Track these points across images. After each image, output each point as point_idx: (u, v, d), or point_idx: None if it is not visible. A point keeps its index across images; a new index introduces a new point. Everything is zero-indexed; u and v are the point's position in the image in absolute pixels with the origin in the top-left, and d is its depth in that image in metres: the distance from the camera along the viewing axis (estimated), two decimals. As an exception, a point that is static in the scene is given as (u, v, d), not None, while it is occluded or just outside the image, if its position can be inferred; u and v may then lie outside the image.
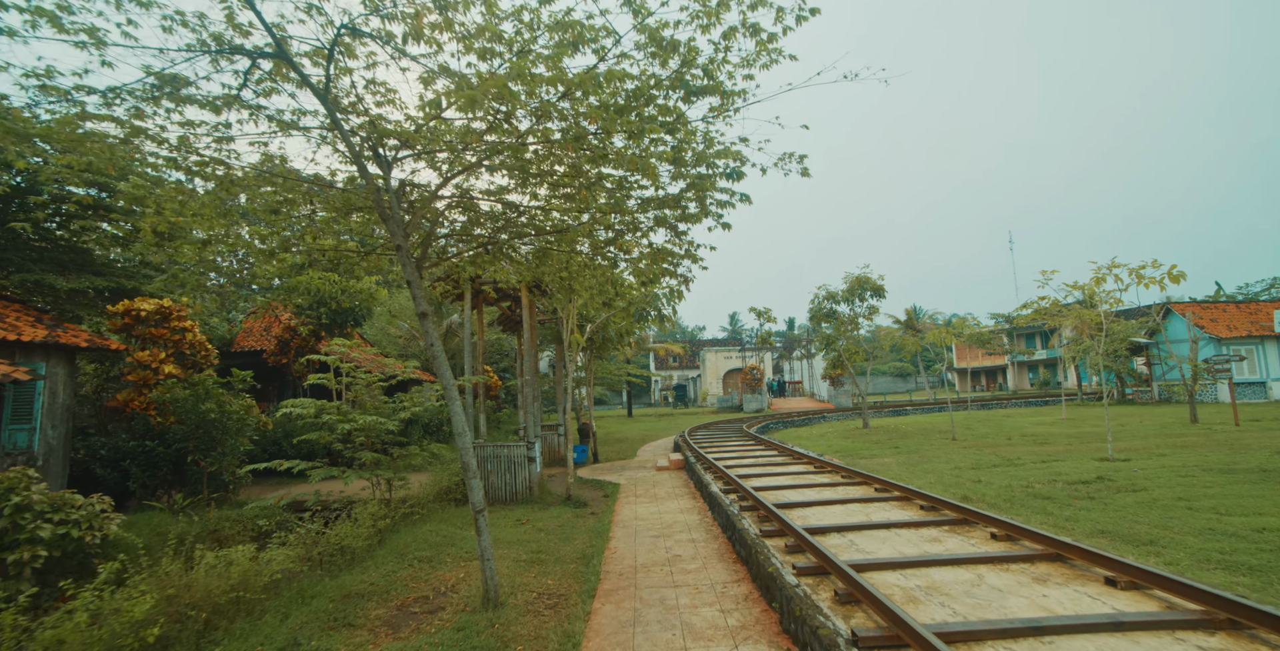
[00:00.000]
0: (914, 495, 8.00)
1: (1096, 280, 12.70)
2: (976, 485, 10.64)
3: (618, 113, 4.60)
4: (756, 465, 12.49)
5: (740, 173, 5.19)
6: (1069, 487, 9.94)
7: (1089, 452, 14.33)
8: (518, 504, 11.55)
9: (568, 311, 11.74)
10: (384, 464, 9.66)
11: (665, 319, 10.50)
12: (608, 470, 15.78)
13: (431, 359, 5.39)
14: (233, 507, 11.21)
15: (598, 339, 14.77)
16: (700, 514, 9.43)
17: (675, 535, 8.11)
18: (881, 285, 25.26)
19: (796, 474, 11.04)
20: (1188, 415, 22.73)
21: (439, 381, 5.40)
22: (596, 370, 24.96)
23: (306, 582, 6.03)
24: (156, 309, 11.70)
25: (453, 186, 5.71)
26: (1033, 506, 8.72)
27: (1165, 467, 11.17)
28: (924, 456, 15.34)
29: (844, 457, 15.71)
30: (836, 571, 4.77)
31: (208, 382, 11.36)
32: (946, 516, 6.78)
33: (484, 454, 11.85)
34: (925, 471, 12.64)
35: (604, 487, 12.97)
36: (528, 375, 12.57)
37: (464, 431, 5.47)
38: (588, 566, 7.01)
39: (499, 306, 15.90)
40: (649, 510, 9.99)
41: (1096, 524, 7.28)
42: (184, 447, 11.13)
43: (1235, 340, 29.43)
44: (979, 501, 9.32)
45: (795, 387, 58.67)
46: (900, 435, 21.64)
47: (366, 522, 7.68)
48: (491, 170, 5.35)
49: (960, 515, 6.69)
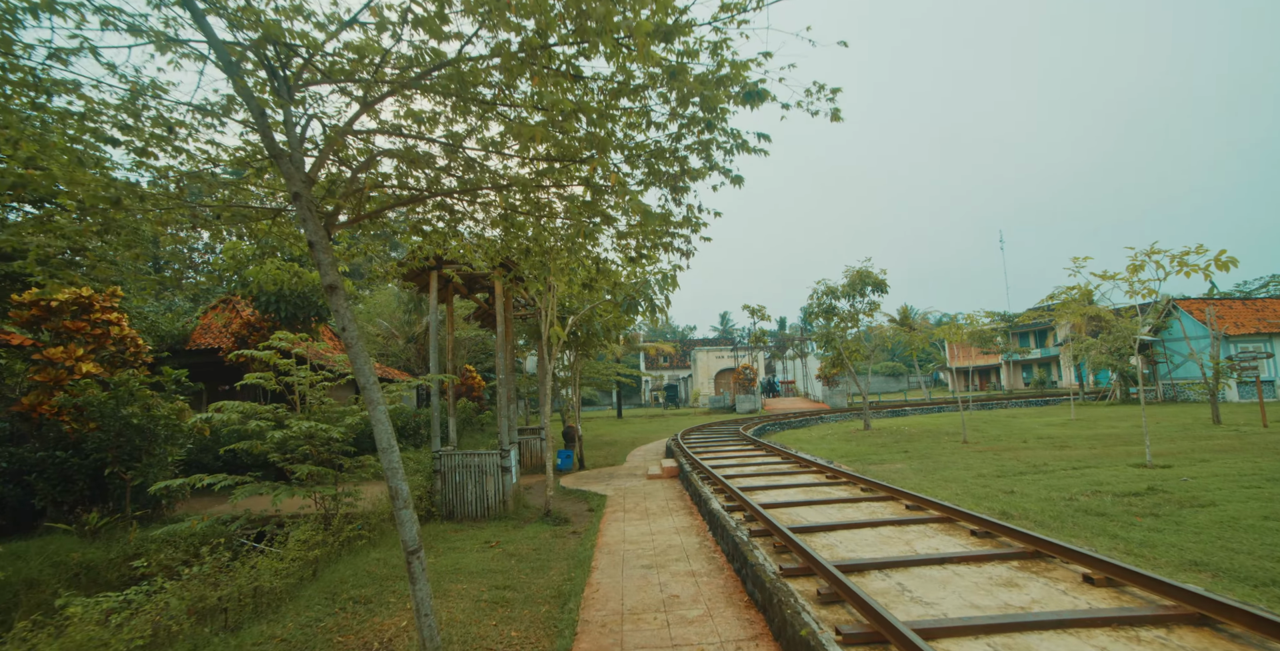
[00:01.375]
0: (956, 515, 6.69)
1: (1133, 267, 11.48)
2: (1011, 497, 9.37)
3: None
4: (759, 474, 11.15)
5: (762, 93, 3.82)
6: (1120, 501, 8.68)
7: (1120, 457, 13.14)
8: (489, 520, 10.14)
9: (546, 301, 10.35)
10: (328, 477, 8.22)
11: (659, 309, 9.13)
12: (594, 479, 14.39)
13: (347, 347, 3.99)
14: (164, 526, 9.70)
15: (582, 334, 13.37)
16: (699, 535, 8.08)
17: (670, 565, 6.73)
18: (883, 280, 24.08)
19: (807, 486, 9.70)
20: (1204, 415, 21.71)
21: (357, 378, 4.01)
22: (585, 370, 23.55)
23: (189, 646, 4.59)
24: (73, 299, 10.16)
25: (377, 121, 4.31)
26: (1087, 525, 7.44)
27: (1218, 476, 9.95)
28: (938, 462, 14.09)
29: (852, 463, 14.43)
30: (899, 640, 3.43)
31: (131, 383, 9.85)
32: (1011, 547, 5.46)
33: (450, 464, 10.43)
34: (946, 480, 11.37)
35: (589, 500, 11.58)
36: (503, 373, 11.15)
37: (390, 447, 4.08)
38: (563, 610, 5.63)
39: (474, 299, 14.46)
40: (639, 530, 8.62)
41: (1182, 552, 5.99)
42: (103, 458, 9.62)
43: (1243, 337, 28.52)
44: (1021, 518, 8.04)
45: (788, 387, 57.51)
46: (906, 437, 20.41)
47: (293, 553, 6.24)
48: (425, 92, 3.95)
49: (1027, 545, 5.37)
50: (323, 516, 8.02)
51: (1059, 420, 23.83)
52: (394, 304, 35.66)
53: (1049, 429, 20.61)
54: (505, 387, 11.21)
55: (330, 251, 3.87)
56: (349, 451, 8.60)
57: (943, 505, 7.00)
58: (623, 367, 29.30)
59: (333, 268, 3.85)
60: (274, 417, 8.01)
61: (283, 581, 5.92)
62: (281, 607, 5.81)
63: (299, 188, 3.76)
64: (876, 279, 23.94)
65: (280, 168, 3.78)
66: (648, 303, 9.30)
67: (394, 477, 4.14)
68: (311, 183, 3.89)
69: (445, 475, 10.42)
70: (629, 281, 9.32)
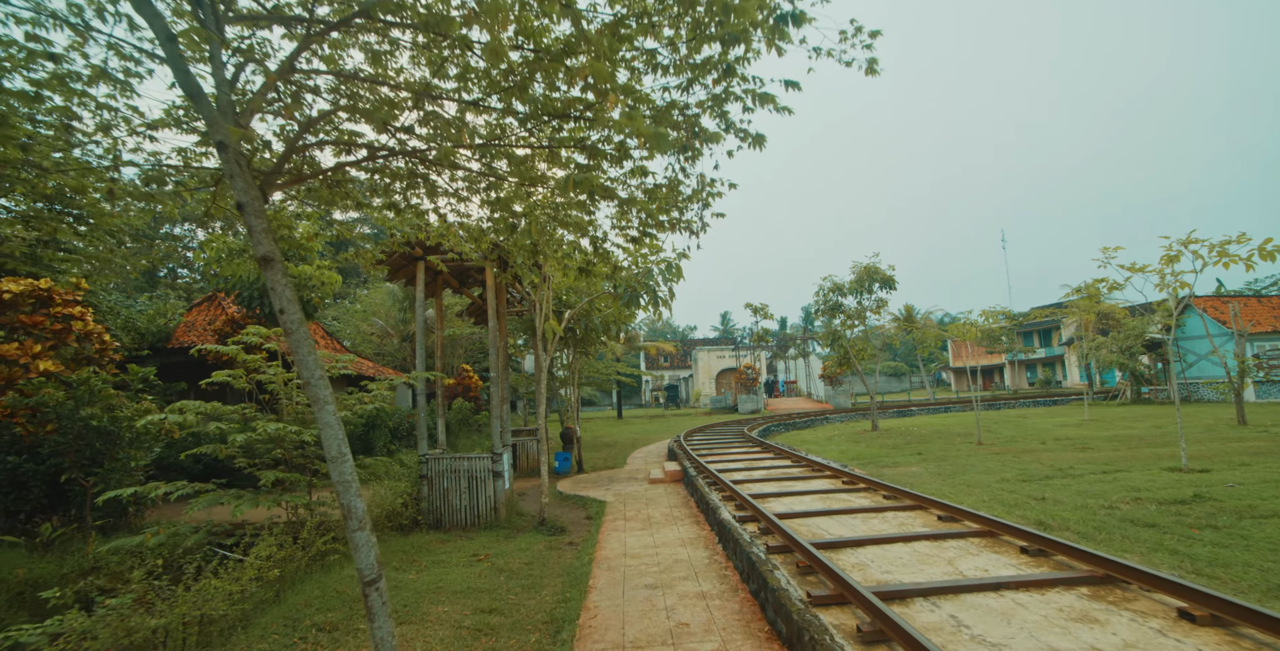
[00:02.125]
0: (998, 527, 5.95)
1: (1167, 258, 10.75)
2: (1043, 505, 8.64)
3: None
4: (770, 479, 10.41)
5: (799, 16, 3.07)
6: (1166, 509, 7.95)
7: (1149, 460, 12.41)
8: (479, 529, 9.40)
9: (541, 293, 9.61)
10: (299, 484, 7.49)
11: (662, 301, 8.41)
12: (593, 483, 13.65)
13: (287, 333, 3.26)
14: (129, 536, 8.96)
15: (579, 329, 12.63)
16: (707, 547, 7.34)
17: (677, 585, 5.99)
18: (892, 276, 23.37)
19: (823, 492, 8.97)
20: (1225, 415, 20.95)
21: (299, 371, 3.27)
22: (585, 369, 22.81)
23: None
24: (30, 291, 9.42)
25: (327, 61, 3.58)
26: (1138, 538, 6.70)
27: (1269, 482, 9.21)
28: (956, 464, 13.35)
29: (865, 466, 13.70)
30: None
31: (93, 382, 9.11)
32: (1075, 570, 4.72)
33: (438, 468, 9.69)
34: (968, 485, 10.64)
35: (587, 506, 10.84)
36: (495, 371, 10.42)
37: (341, 456, 3.35)
38: (555, 641, 4.89)
39: (468, 294, 13.73)
40: (642, 541, 7.88)
41: (1265, 574, 5.24)
42: (60, 463, 8.88)
43: (1260, 335, 27.76)
44: (1061, 529, 7.32)
45: (791, 387, 56.76)
46: (917, 438, 19.67)
47: (249, 573, 5.50)
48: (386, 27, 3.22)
49: (1093, 568, 4.63)
50: (292, 527, 7.28)
51: (1073, 420, 23.10)
52: (389, 302, 34.99)
53: (1064, 429, 19.88)
54: (498, 387, 10.47)
55: (264, 216, 3.14)
56: (322, 455, 7.86)
57: (981, 516, 6.26)
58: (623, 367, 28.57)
59: (267, 236, 3.12)
60: (240, 419, 7.27)
61: (236, 607, 5.18)
62: (233, 637, 5.08)
63: (223, 135, 3.03)
64: (885, 275, 23.22)
65: (199, 110, 3.04)
66: (650, 294, 8.57)
67: (345, 493, 3.40)
68: (243, 129, 3.15)
69: (432, 480, 9.68)
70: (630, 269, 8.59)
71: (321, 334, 26.18)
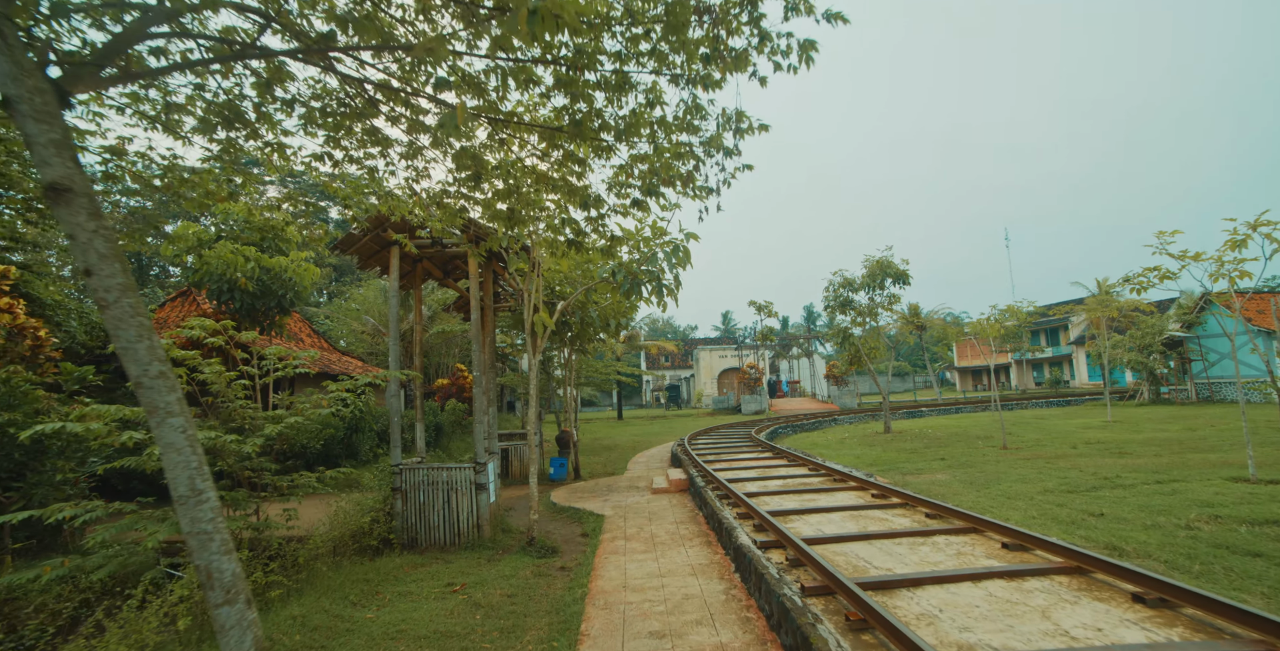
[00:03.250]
0: (1089, 562, 4.80)
1: (1232, 243, 9.60)
2: (1104, 522, 7.50)
3: None
4: (788, 491, 9.25)
5: None
6: (1260, 532, 6.78)
7: (1202, 467, 11.26)
8: (459, 549, 8.24)
9: (530, 281, 8.47)
10: (240, 501, 6.33)
11: (667, 290, 7.26)
12: (590, 492, 12.50)
13: (101, 308, 2.12)
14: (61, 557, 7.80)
15: (574, 323, 11.48)
16: (722, 578, 6.18)
17: (690, 633, 4.84)
18: (905, 271, 22.19)
19: (853, 509, 7.81)
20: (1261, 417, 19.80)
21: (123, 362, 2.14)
22: (584, 369, 21.64)
23: None
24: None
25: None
26: (1246, 572, 5.54)
27: (1362, 495, 8.07)
28: (984, 472, 12.20)
29: (885, 473, 12.55)
30: None
31: (14, 381, 7.96)
32: (1227, 634, 3.57)
33: (413, 480, 8.53)
34: (1007, 497, 9.50)
35: (583, 520, 9.69)
36: (479, 370, 9.26)
37: (192, 495, 2.20)
38: (534, 720, 3.74)
39: (453, 286, 12.58)
40: (645, 569, 6.72)
41: None
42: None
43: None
44: (1138, 555, 6.17)
45: (794, 387, 55.60)
46: (935, 442, 18.51)
47: (152, 623, 4.35)
48: None
49: (1248, 630, 3.48)
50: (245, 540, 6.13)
51: (1095, 422, 21.96)
52: (381, 300, 33.87)
53: (1090, 432, 18.73)
54: (482, 387, 9.32)
55: (57, 122, 1.98)
56: (269, 467, 6.71)
57: (1060, 545, 5.12)
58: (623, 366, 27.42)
59: (61, 152, 1.96)
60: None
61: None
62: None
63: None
64: (898, 270, 22.06)
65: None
66: (654, 282, 7.41)
67: (203, 550, 2.25)
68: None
69: (406, 494, 8.53)
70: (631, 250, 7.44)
71: (308, 331, 25.03)
